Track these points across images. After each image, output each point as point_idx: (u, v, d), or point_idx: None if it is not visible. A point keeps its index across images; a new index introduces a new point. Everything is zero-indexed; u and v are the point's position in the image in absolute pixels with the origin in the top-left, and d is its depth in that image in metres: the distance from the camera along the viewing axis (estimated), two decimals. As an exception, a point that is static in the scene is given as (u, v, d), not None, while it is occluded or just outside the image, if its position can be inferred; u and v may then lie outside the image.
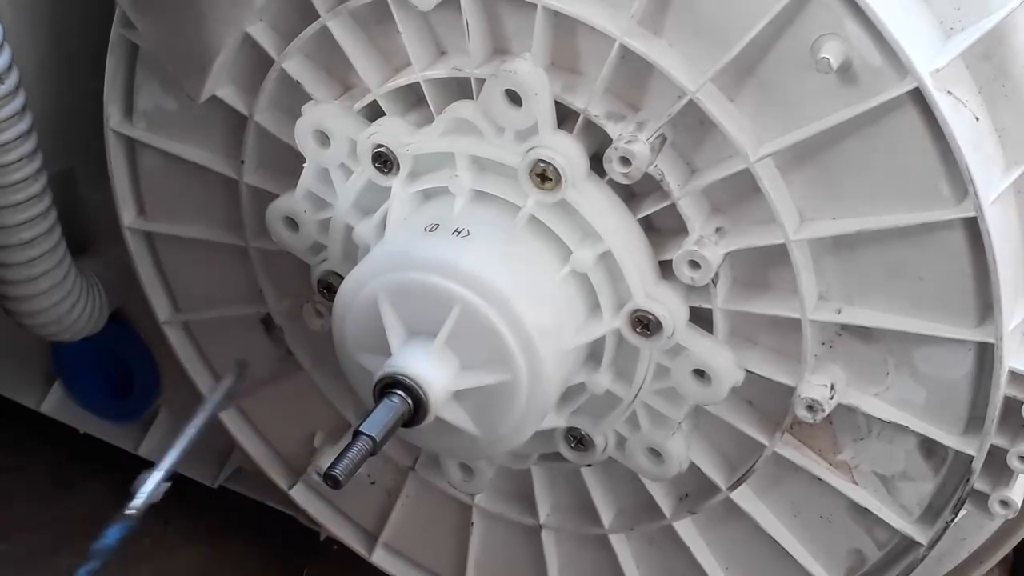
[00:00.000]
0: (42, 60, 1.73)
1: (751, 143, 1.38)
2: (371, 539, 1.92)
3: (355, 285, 1.46)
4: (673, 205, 1.43)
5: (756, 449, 1.55)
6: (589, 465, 1.65)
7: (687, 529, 1.66)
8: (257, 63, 1.58)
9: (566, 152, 1.41)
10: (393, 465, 1.82)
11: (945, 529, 1.51)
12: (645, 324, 1.45)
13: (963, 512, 1.50)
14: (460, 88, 1.49)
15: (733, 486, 1.58)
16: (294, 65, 1.56)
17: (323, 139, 1.53)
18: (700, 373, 1.48)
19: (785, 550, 1.60)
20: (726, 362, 1.47)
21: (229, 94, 1.62)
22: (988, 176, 1.33)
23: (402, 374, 1.39)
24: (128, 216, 1.80)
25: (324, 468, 1.78)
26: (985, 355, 1.40)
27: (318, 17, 1.51)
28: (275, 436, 1.92)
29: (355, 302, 1.46)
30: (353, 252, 1.57)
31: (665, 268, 1.46)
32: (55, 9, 1.73)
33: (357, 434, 1.37)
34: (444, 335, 1.41)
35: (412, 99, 1.54)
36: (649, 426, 1.55)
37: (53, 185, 1.71)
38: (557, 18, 1.40)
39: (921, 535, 1.52)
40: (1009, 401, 1.42)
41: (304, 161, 1.56)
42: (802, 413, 1.46)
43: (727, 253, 1.44)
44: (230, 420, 1.90)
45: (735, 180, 1.40)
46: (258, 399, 1.84)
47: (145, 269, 1.84)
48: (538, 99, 1.40)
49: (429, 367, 1.40)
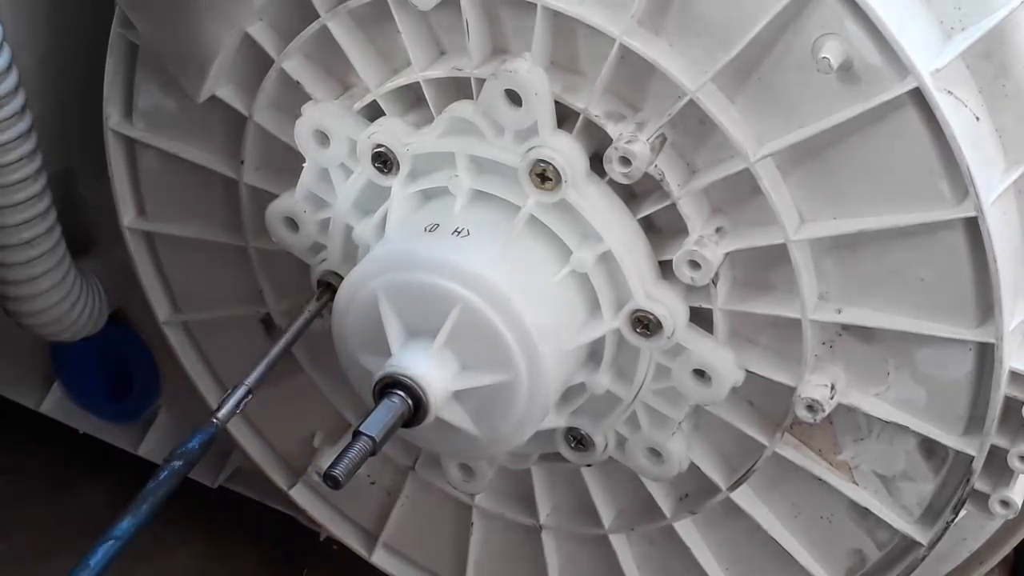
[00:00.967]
0: (42, 60, 1.72)
1: (751, 143, 1.38)
2: (371, 539, 1.92)
3: (355, 285, 1.46)
4: (673, 205, 1.43)
5: (756, 449, 1.54)
6: (589, 465, 1.65)
7: (687, 529, 1.66)
8: (257, 63, 1.58)
9: (566, 152, 1.41)
10: (393, 465, 1.82)
11: (946, 529, 1.50)
12: (645, 324, 1.45)
13: (963, 512, 1.50)
14: (460, 88, 1.49)
15: (733, 486, 1.58)
16: (294, 65, 1.56)
17: (323, 139, 1.53)
18: (700, 373, 1.48)
19: (785, 550, 1.60)
20: (726, 362, 1.47)
21: (228, 94, 1.62)
22: (988, 176, 1.33)
23: (402, 374, 1.39)
24: (128, 216, 1.80)
25: (324, 468, 1.80)
26: (985, 355, 1.40)
27: (318, 17, 1.51)
28: (275, 436, 1.92)
29: (355, 302, 1.46)
30: (353, 252, 1.57)
31: (665, 268, 1.46)
32: (54, 9, 1.73)
33: (357, 434, 1.37)
34: (444, 335, 1.41)
35: (412, 99, 1.54)
36: (649, 426, 1.55)
37: (52, 185, 1.71)
38: (557, 18, 1.40)
39: (921, 535, 1.52)
40: (1009, 401, 1.42)
41: (304, 161, 1.56)
42: (802, 413, 1.46)
43: (727, 253, 1.44)
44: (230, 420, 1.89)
45: (735, 180, 1.40)
46: (258, 399, 1.82)
47: (145, 269, 1.84)
48: (538, 99, 1.40)
49: (429, 367, 1.40)
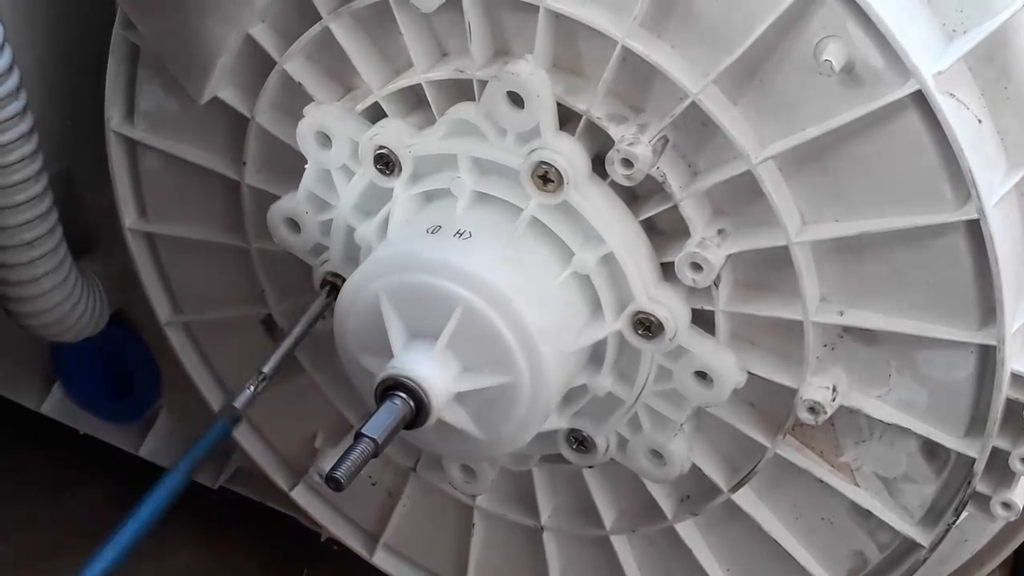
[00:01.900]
0: (43, 61, 1.72)
1: (753, 145, 1.38)
2: (372, 540, 1.92)
3: (357, 286, 1.46)
4: (675, 207, 1.43)
5: (758, 451, 1.54)
6: (591, 467, 1.64)
7: (689, 531, 1.66)
8: (258, 64, 1.58)
9: (568, 154, 1.41)
10: (394, 466, 1.82)
11: (947, 531, 1.51)
12: (647, 326, 1.45)
13: (965, 514, 1.50)
14: (462, 90, 1.49)
15: (735, 488, 1.58)
16: (296, 66, 1.56)
17: (325, 140, 1.53)
18: (702, 375, 1.48)
19: (787, 552, 1.60)
20: (728, 364, 1.47)
21: (230, 95, 1.62)
22: (990, 178, 1.33)
23: (404, 376, 1.39)
24: (129, 217, 1.80)
25: (326, 470, 1.80)
26: (987, 358, 1.40)
27: (320, 19, 1.51)
28: (276, 437, 1.92)
29: (357, 303, 1.46)
30: (355, 253, 1.57)
31: (667, 270, 1.46)
32: (56, 10, 1.73)
33: (359, 436, 1.37)
34: (446, 337, 1.40)
35: (413, 101, 1.54)
36: (651, 428, 1.55)
37: (53, 186, 1.71)
38: (559, 20, 1.40)
39: (923, 537, 1.52)
40: (1011, 403, 1.42)
41: (306, 162, 1.57)
42: (804, 415, 1.46)
43: (729, 255, 1.44)
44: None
45: (737, 182, 1.40)
46: (259, 400, 1.83)
47: (146, 270, 1.84)
48: (540, 101, 1.40)
49: (431, 369, 1.40)
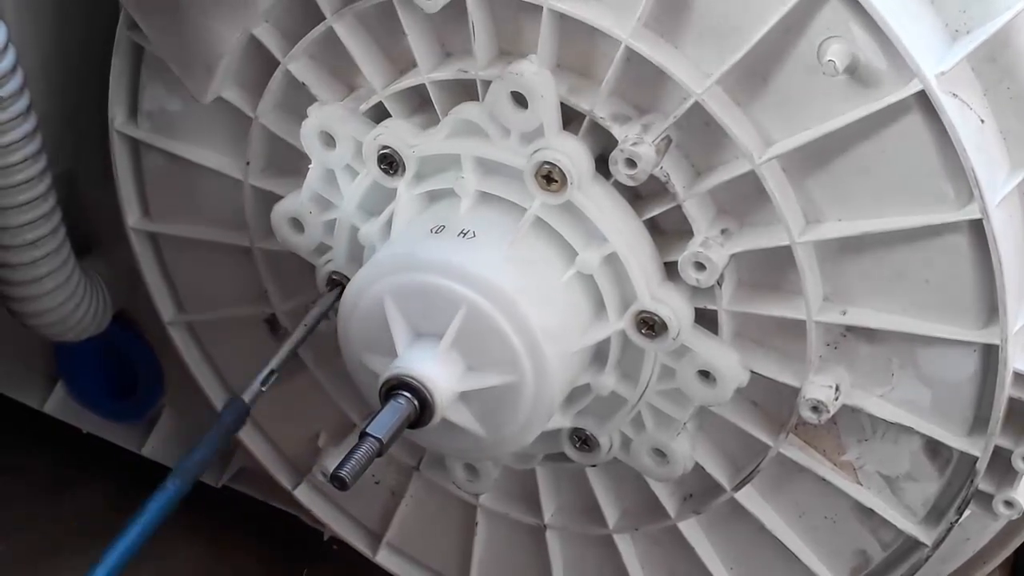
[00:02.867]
0: (46, 61, 1.72)
1: (757, 145, 1.38)
2: (375, 539, 1.92)
3: (361, 286, 1.46)
4: (678, 207, 1.44)
5: (761, 450, 1.55)
6: (594, 465, 1.65)
7: (692, 529, 1.66)
8: (262, 64, 1.58)
9: (572, 154, 1.41)
10: (397, 465, 1.83)
11: (950, 530, 1.51)
12: (650, 325, 1.46)
13: (967, 513, 1.50)
14: (465, 90, 1.49)
15: (738, 487, 1.58)
16: (299, 67, 1.56)
17: (329, 140, 1.53)
18: (705, 374, 1.48)
19: (790, 550, 1.61)
20: (731, 363, 1.48)
21: (234, 95, 1.63)
22: (993, 178, 1.34)
23: (408, 375, 1.39)
24: (132, 217, 1.80)
25: (329, 468, 1.80)
26: (990, 357, 1.40)
27: (323, 19, 1.51)
28: (279, 436, 1.92)
29: (361, 303, 1.46)
30: (358, 253, 1.57)
31: (670, 269, 1.47)
32: (59, 11, 1.73)
33: (364, 435, 1.37)
34: (450, 336, 1.41)
35: (417, 101, 1.54)
36: (654, 427, 1.55)
37: (56, 185, 1.71)
38: (563, 20, 1.40)
39: (926, 536, 1.53)
40: (1014, 402, 1.43)
41: (308, 162, 1.57)
42: (807, 414, 1.47)
43: (732, 255, 1.44)
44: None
45: (740, 182, 1.40)
46: (262, 399, 1.83)
47: (149, 270, 1.84)
48: (544, 101, 1.40)
49: (435, 368, 1.40)
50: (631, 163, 1.39)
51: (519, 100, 1.42)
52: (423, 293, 1.42)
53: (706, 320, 1.49)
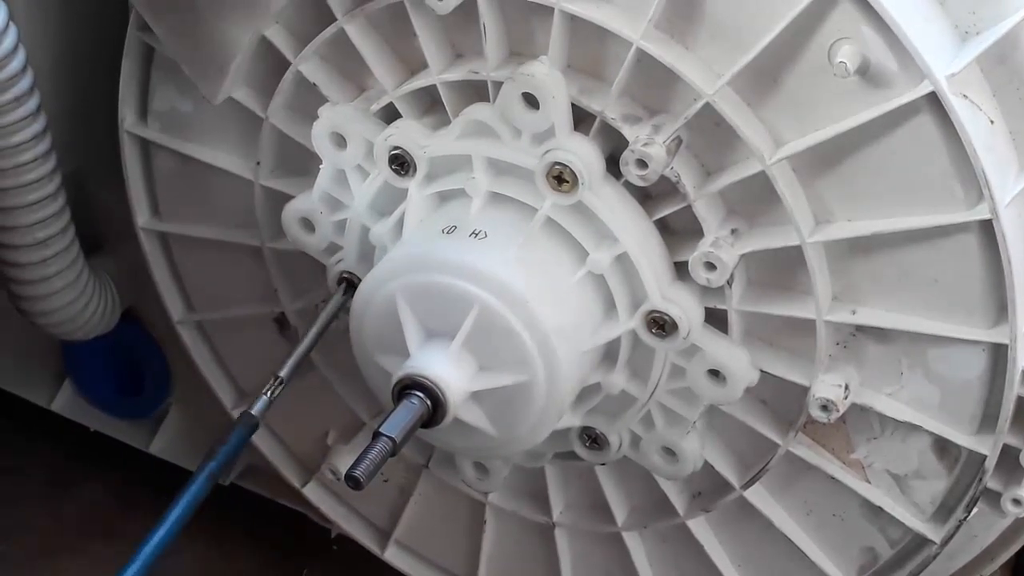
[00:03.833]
0: (56, 60, 1.73)
1: (767, 146, 1.39)
2: (384, 537, 1.92)
3: (373, 286, 1.46)
4: (689, 207, 1.44)
5: (770, 448, 1.56)
6: (603, 464, 1.65)
7: (700, 527, 1.67)
8: (273, 65, 1.59)
9: (582, 154, 1.42)
10: (406, 463, 1.83)
11: (958, 527, 1.52)
12: (661, 325, 1.46)
13: (975, 510, 1.51)
14: (476, 90, 1.50)
15: (747, 485, 1.59)
16: (310, 67, 1.57)
17: (340, 141, 1.54)
18: (715, 373, 1.49)
19: (798, 548, 1.61)
20: (741, 362, 1.48)
21: (244, 96, 1.63)
22: (1003, 179, 1.34)
23: (421, 375, 1.40)
24: (142, 217, 1.81)
25: (337, 466, 1.82)
26: (999, 356, 1.41)
27: (335, 20, 1.52)
28: (288, 434, 1.92)
29: (373, 303, 1.47)
30: (369, 252, 1.58)
31: (680, 269, 1.47)
32: (69, 11, 1.74)
33: (377, 435, 1.38)
34: (462, 336, 1.41)
35: (427, 101, 1.55)
36: (664, 425, 1.56)
37: (65, 184, 1.71)
38: (574, 22, 1.41)
39: (934, 533, 1.54)
40: (1022, 401, 1.43)
41: (319, 162, 1.57)
42: (816, 413, 1.47)
43: (742, 255, 1.44)
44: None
45: (751, 182, 1.41)
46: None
47: (159, 269, 1.85)
48: (555, 102, 1.41)
49: (447, 368, 1.41)
50: (642, 164, 1.40)
51: (530, 101, 1.42)
52: (435, 293, 1.43)
53: (716, 319, 1.49)
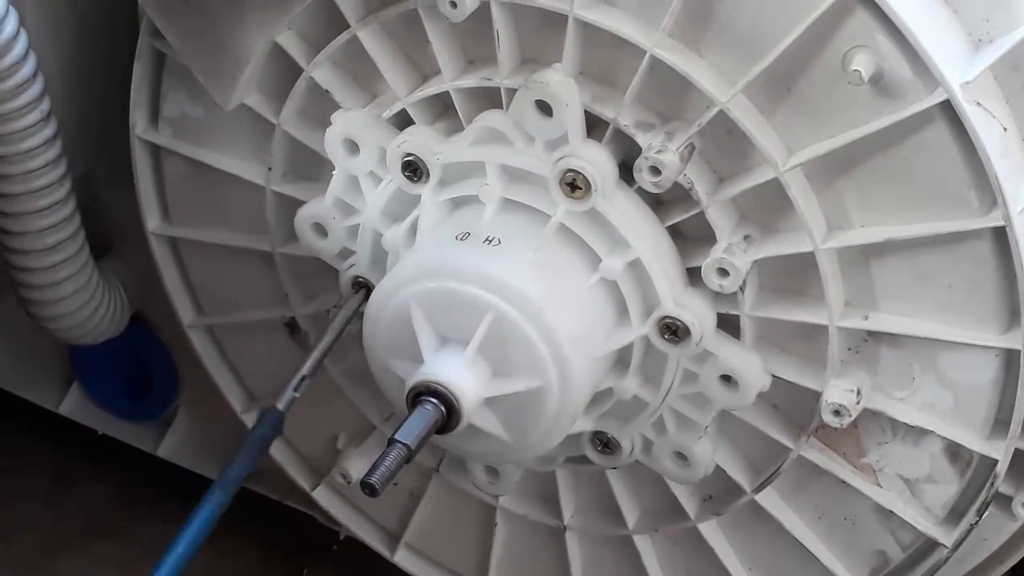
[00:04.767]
0: (66, 65, 1.73)
1: (780, 153, 1.39)
2: (393, 540, 1.93)
3: (387, 292, 1.47)
4: (701, 213, 1.45)
5: (782, 452, 1.56)
6: (615, 468, 1.66)
7: (712, 530, 1.67)
8: (285, 71, 1.59)
9: (596, 161, 1.42)
10: (417, 467, 1.83)
11: (969, 531, 1.52)
12: (673, 331, 1.47)
13: (986, 514, 1.52)
14: (488, 97, 1.50)
15: (758, 488, 1.60)
16: (323, 74, 1.57)
17: (353, 147, 1.54)
18: (727, 379, 1.49)
19: (809, 551, 1.62)
20: (753, 368, 1.49)
21: (257, 102, 1.63)
22: (1016, 185, 1.35)
23: (435, 382, 1.40)
24: (153, 222, 1.81)
25: (348, 469, 1.82)
26: (1011, 361, 1.42)
27: (348, 27, 1.52)
28: (298, 437, 1.92)
29: (387, 309, 1.47)
30: (381, 258, 1.58)
31: (693, 275, 1.48)
32: (79, 16, 1.74)
33: (392, 442, 1.38)
34: (476, 343, 1.42)
35: (440, 108, 1.55)
36: (676, 430, 1.57)
37: (75, 189, 1.72)
38: (587, 29, 1.41)
39: (945, 537, 1.54)
40: (1034, 405, 1.44)
41: (331, 168, 1.58)
42: (828, 418, 1.48)
43: (755, 261, 1.45)
44: (252, 421, 1.90)
45: (764, 189, 1.41)
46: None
47: (169, 274, 1.85)
48: (568, 109, 1.41)
49: (462, 375, 1.41)
50: (655, 171, 1.40)
51: (544, 108, 1.42)
52: (449, 299, 1.43)
53: (728, 325, 1.50)
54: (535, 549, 1.82)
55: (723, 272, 1.44)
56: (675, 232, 1.48)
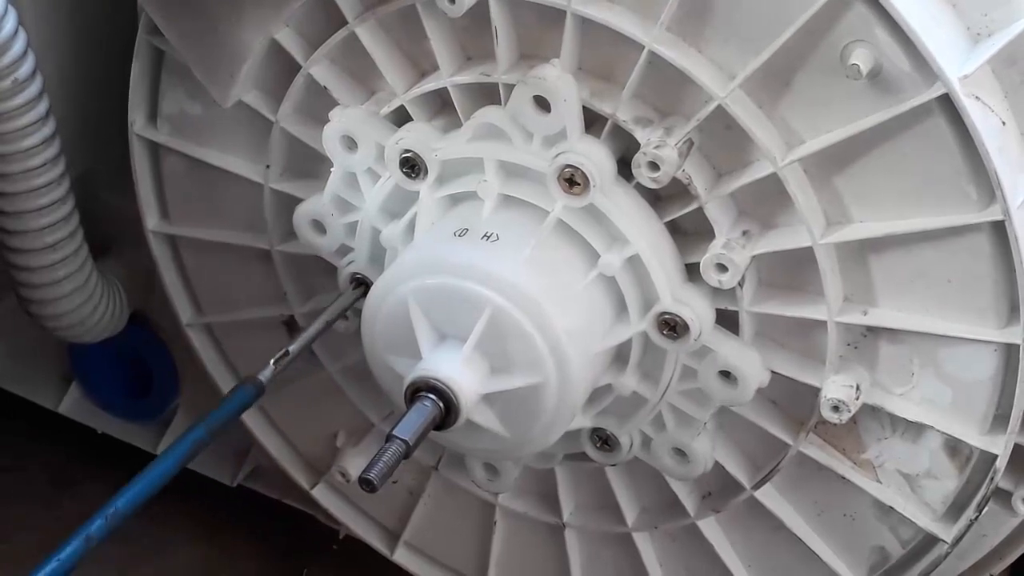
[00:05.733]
0: (65, 64, 1.73)
1: (779, 148, 1.39)
2: (393, 538, 1.93)
3: (385, 289, 1.47)
4: (700, 209, 1.45)
5: (781, 449, 1.56)
6: (614, 465, 1.66)
7: (711, 527, 1.67)
8: (283, 68, 1.59)
9: (594, 157, 1.42)
10: (416, 465, 1.83)
11: (969, 527, 1.52)
12: (672, 327, 1.47)
13: (986, 510, 1.52)
14: (486, 93, 1.50)
15: (757, 485, 1.60)
16: (321, 70, 1.57)
17: (351, 144, 1.54)
18: (726, 374, 1.49)
19: (809, 548, 1.62)
20: (752, 363, 1.49)
21: (255, 99, 1.63)
22: (1015, 180, 1.35)
23: (433, 378, 1.40)
24: (152, 220, 1.81)
25: (347, 468, 1.82)
26: (1010, 356, 1.42)
27: (346, 23, 1.52)
28: (297, 436, 1.92)
29: (385, 305, 1.47)
30: (380, 254, 1.58)
31: (692, 271, 1.47)
32: (77, 14, 1.74)
33: (390, 438, 1.38)
34: (475, 339, 1.41)
35: (438, 104, 1.55)
36: (675, 426, 1.56)
37: (74, 187, 1.72)
38: (585, 24, 1.41)
39: (945, 532, 1.54)
40: (1034, 401, 1.44)
41: (329, 165, 1.58)
42: (828, 414, 1.48)
43: (753, 256, 1.45)
44: (252, 420, 1.90)
45: (762, 184, 1.41)
46: (280, 399, 1.84)
47: (168, 272, 1.85)
48: (566, 105, 1.41)
49: (460, 371, 1.41)
50: (654, 166, 1.40)
51: (542, 104, 1.42)
52: (447, 295, 1.43)
53: (727, 321, 1.50)
54: (534, 547, 1.82)
55: (722, 268, 1.44)
56: (674, 228, 1.48)
